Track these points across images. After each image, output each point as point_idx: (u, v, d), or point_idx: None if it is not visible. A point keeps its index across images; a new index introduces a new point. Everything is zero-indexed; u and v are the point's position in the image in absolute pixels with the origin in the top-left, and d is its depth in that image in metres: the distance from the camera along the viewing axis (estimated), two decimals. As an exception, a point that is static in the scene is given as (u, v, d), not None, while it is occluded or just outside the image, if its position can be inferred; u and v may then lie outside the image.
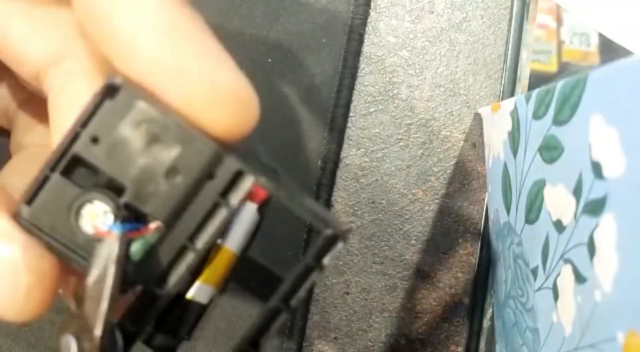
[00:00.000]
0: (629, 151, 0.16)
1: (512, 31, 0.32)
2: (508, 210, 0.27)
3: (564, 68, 0.33)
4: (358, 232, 0.31)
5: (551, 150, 0.22)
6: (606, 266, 0.17)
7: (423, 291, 0.31)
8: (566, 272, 0.20)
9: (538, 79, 0.32)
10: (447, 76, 0.32)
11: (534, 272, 0.24)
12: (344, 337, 0.30)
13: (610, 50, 0.32)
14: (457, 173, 0.31)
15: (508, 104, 0.27)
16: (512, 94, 0.32)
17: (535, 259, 0.24)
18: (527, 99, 0.24)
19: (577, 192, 0.19)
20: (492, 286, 0.31)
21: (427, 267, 0.31)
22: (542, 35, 0.33)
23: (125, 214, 0.13)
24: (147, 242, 0.13)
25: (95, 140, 0.12)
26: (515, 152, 0.26)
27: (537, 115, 0.23)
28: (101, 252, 0.12)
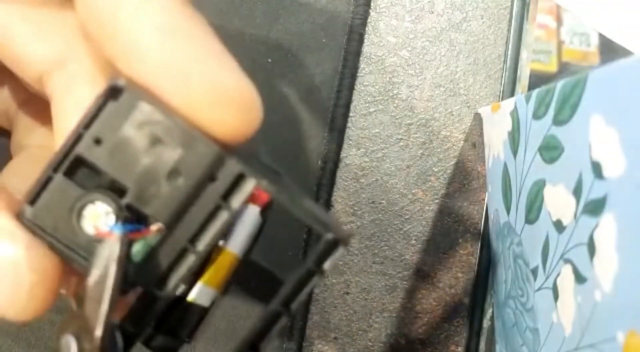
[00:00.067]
0: (629, 151, 0.16)
1: (512, 31, 0.32)
2: (508, 210, 0.27)
3: (564, 68, 0.33)
4: (358, 232, 0.31)
5: (551, 150, 0.22)
6: (606, 266, 0.17)
7: (423, 291, 0.31)
8: (566, 272, 0.20)
9: (538, 79, 0.32)
10: (447, 76, 0.32)
11: (534, 272, 0.24)
12: (344, 337, 0.30)
13: (610, 50, 0.32)
14: (457, 173, 0.32)
15: (508, 104, 0.27)
16: (512, 94, 0.32)
17: (535, 259, 0.24)
18: (527, 99, 0.24)
19: (577, 192, 0.19)
20: (492, 286, 0.31)
21: (427, 267, 0.31)
22: (542, 35, 0.33)
23: (127, 215, 0.13)
24: (148, 243, 0.13)
25: (98, 141, 0.12)
26: (515, 152, 0.26)
27: (537, 115, 0.23)
28: (102, 252, 0.12)
